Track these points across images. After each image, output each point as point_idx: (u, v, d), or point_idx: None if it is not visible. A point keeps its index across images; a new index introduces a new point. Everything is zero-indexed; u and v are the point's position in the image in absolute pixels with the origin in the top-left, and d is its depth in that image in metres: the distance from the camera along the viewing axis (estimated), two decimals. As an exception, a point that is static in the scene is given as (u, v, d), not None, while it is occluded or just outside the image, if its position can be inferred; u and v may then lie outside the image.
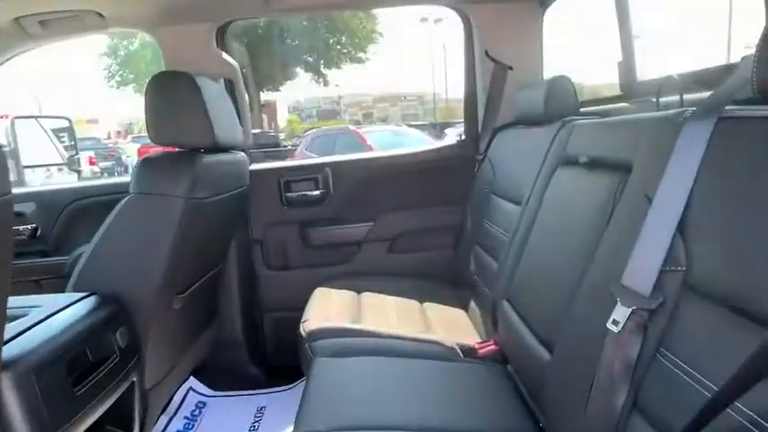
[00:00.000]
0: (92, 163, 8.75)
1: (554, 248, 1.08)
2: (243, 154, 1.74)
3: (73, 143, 2.33)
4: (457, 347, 1.33)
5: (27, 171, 3.30)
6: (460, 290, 1.81)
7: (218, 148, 1.45)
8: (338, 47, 17.91)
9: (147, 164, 1.31)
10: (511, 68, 1.82)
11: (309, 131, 11.58)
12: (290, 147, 11.48)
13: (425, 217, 1.99)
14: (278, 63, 17.10)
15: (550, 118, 1.40)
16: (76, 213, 1.87)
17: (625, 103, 1.41)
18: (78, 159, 2.32)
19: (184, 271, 1.43)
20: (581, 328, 0.86)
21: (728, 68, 0.99)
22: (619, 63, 1.36)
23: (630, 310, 0.72)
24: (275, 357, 2.00)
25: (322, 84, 18.73)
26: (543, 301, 1.06)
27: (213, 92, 1.43)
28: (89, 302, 1.20)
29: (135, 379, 1.26)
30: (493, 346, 1.34)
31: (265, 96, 18.39)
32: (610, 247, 0.85)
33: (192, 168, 1.32)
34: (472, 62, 1.92)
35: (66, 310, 1.14)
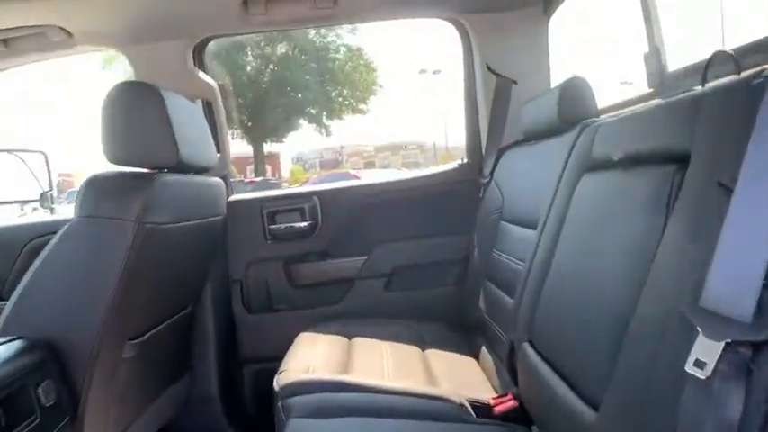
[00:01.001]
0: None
1: (587, 271, 0.85)
2: (218, 180, 1.54)
3: (49, 179, 2.14)
4: (467, 404, 1.07)
5: None
6: (469, 333, 1.55)
7: (185, 169, 1.25)
8: (340, 99, 18.24)
9: (93, 183, 1.10)
10: (515, 83, 1.65)
11: (311, 178, 11.55)
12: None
13: (426, 249, 1.76)
14: (281, 116, 17.37)
15: (566, 126, 1.20)
16: (37, 252, 1.65)
17: (659, 100, 1.21)
18: (52, 196, 2.11)
19: (138, 311, 1.20)
20: (642, 373, 0.61)
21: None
22: (645, 55, 1.18)
23: (723, 344, 0.49)
24: (255, 416, 1.72)
25: (324, 134, 18.97)
26: (579, 341, 0.81)
27: (182, 107, 1.24)
28: (8, 348, 0.96)
29: None
30: (512, 402, 1.08)
31: (269, 148, 18.61)
32: (672, 258, 0.63)
33: (147, 187, 1.12)
34: (472, 78, 1.75)
35: None
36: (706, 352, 0.50)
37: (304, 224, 1.74)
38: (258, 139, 16.96)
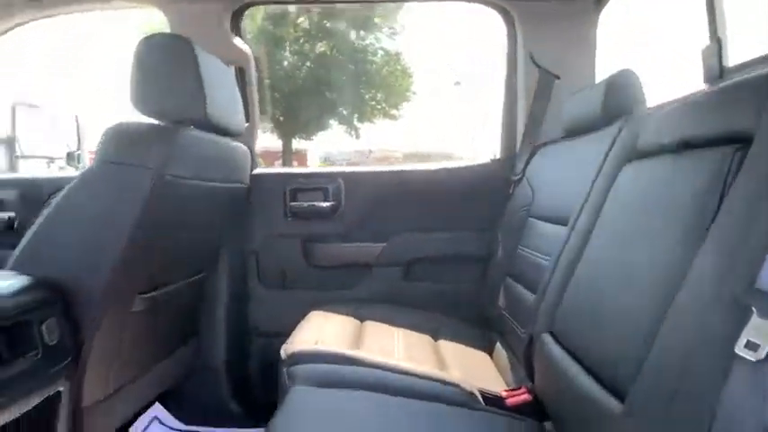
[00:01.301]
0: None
1: (624, 259, 0.79)
2: (245, 147, 1.52)
3: (78, 139, 2.16)
4: (478, 393, 1.01)
5: (22, 162, 3.16)
6: (485, 329, 1.49)
7: (212, 128, 1.23)
8: (373, 102, 18.27)
9: (116, 130, 1.09)
10: (558, 77, 1.59)
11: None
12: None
13: (448, 242, 1.71)
14: (313, 114, 17.49)
15: (609, 119, 1.15)
16: None
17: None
18: (79, 156, 2.13)
19: (151, 266, 1.18)
20: (678, 360, 0.56)
21: None
22: (704, 49, 1.11)
23: None
24: (261, 392, 1.69)
25: (354, 137, 19.04)
26: (608, 331, 0.76)
27: (214, 66, 1.23)
28: (14, 283, 0.95)
29: (62, 388, 0.98)
30: (525, 395, 1.02)
31: (298, 144, 18.76)
32: (725, 240, 0.57)
33: (171, 138, 1.10)
34: (513, 70, 1.70)
35: None
36: (760, 333, 0.46)
37: (326, 204, 1.71)
38: (288, 135, 17.09)
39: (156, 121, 1.16)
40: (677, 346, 0.58)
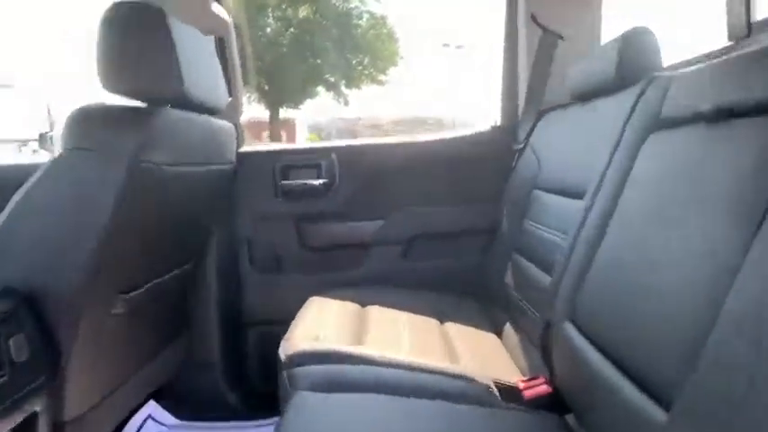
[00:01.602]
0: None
1: (659, 245, 0.70)
2: (229, 124, 1.40)
3: (50, 120, 2.03)
4: (494, 386, 0.95)
5: None
6: (491, 308, 1.43)
7: (191, 107, 1.12)
8: (360, 67, 17.88)
9: (83, 113, 0.97)
10: (561, 38, 1.47)
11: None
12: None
13: (448, 216, 1.62)
14: (299, 81, 17.07)
15: (624, 83, 1.04)
16: None
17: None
18: (51, 137, 2.00)
19: (131, 263, 1.08)
20: (740, 361, 0.48)
21: None
22: (728, 1, 1.01)
23: None
24: (258, 382, 1.63)
25: (342, 104, 18.71)
26: (643, 323, 0.68)
27: (190, 36, 1.10)
28: None
29: (39, 408, 0.89)
30: (544, 387, 0.95)
31: (285, 114, 18.38)
32: None
33: (147, 120, 0.98)
34: (514, 30, 1.57)
35: None
36: None
37: (319, 182, 1.60)
38: (275, 105, 16.77)
39: (128, 102, 1.05)
40: (738, 348, 0.50)
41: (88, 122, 0.96)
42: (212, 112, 1.23)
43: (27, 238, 0.94)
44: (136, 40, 1.00)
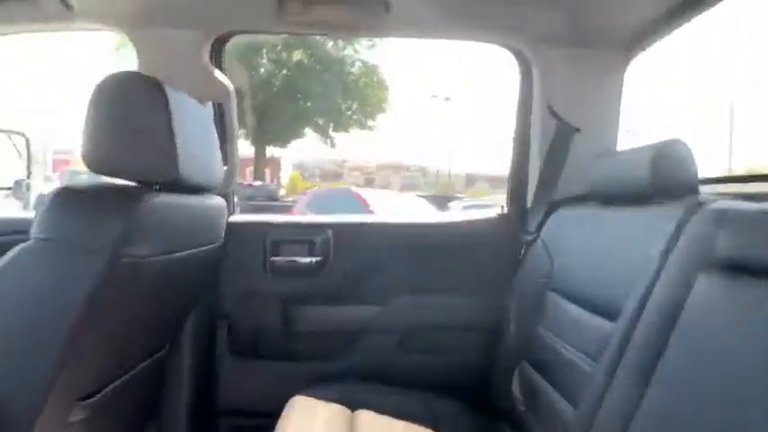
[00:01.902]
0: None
1: (730, 413, 0.60)
2: (220, 201, 1.29)
3: (27, 165, 1.88)
4: None
5: None
6: (497, 422, 1.30)
7: (182, 188, 1.01)
8: (349, 112, 18.14)
9: (61, 195, 0.85)
10: (578, 131, 1.42)
11: (311, 189, 11.36)
12: (289, 202, 11.17)
13: (450, 308, 1.51)
14: (288, 121, 17.20)
15: (659, 196, 0.97)
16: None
17: None
18: (28, 185, 1.85)
19: (95, 364, 0.94)
20: None
21: None
22: None
23: None
24: None
25: (329, 146, 18.85)
26: None
27: (189, 110, 1.01)
28: None
29: None
30: None
31: (271, 152, 18.40)
32: None
33: (130, 208, 0.87)
34: (527, 117, 1.52)
35: None
36: None
37: (312, 260, 1.49)
38: (261, 142, 16.78)
39: (112, 181, 0.93)
40: None
41: (62, 209, 0.85)
42: (205, 190, 1.12)
43: None
44: (129, 114, 0.90)
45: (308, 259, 1.49)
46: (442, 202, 12.44)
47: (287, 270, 1.49)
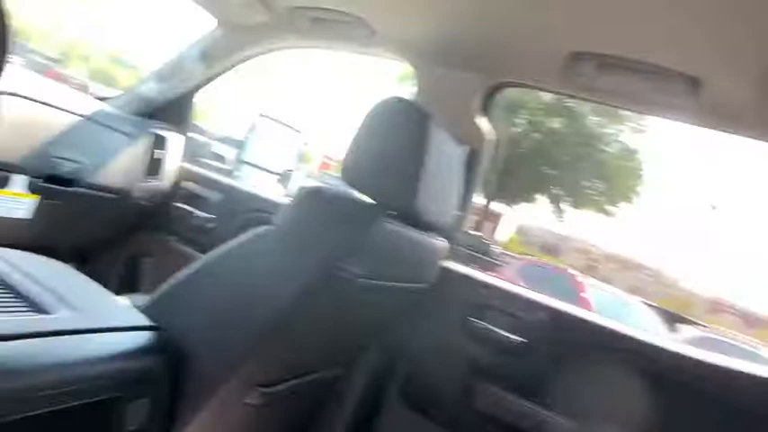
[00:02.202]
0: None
1: None
2: (444, 242, 1.24)
3: (296, 158, 2.19)
4: None
5: (245, 167, 3.45)
6: None
7: (412, 221, 0.98)
8: (590, 191, 17.01)
9: (309, 195, 0.90)
10: None
11: (527, 257, 10.93)
12: (498, 262, 10.94)
13: None
14: (525, 184, 16.97)
15: None
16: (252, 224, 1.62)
17: None
18: (291, 175, 2.14)
19: (281, 359, 0.97)
20: None
21: None
22: None
23: None
24: None
25: (558, 218, 17.99)
26: None
27: (445, 149, 0.99)
28: (137, 337, 0.80)
29: None
30: None
31: (494, 206, 18.35)
32: None
33: (364, 224, 0.87)
34: None
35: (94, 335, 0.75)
36: None
37: (516, 338, 1.32)
38: (490, 196, 16.91)
39: (357, 195, 0.96)
40: None
41: (306, 208, 0.89)
42: (434, 229, 1.08)
43: (204, 297, 0.89)
44: (392, 138, 0.92)
45: (509, 335, 1.33)
46: (670, 319, 10.56)
47: (483, 338, 1.36)
